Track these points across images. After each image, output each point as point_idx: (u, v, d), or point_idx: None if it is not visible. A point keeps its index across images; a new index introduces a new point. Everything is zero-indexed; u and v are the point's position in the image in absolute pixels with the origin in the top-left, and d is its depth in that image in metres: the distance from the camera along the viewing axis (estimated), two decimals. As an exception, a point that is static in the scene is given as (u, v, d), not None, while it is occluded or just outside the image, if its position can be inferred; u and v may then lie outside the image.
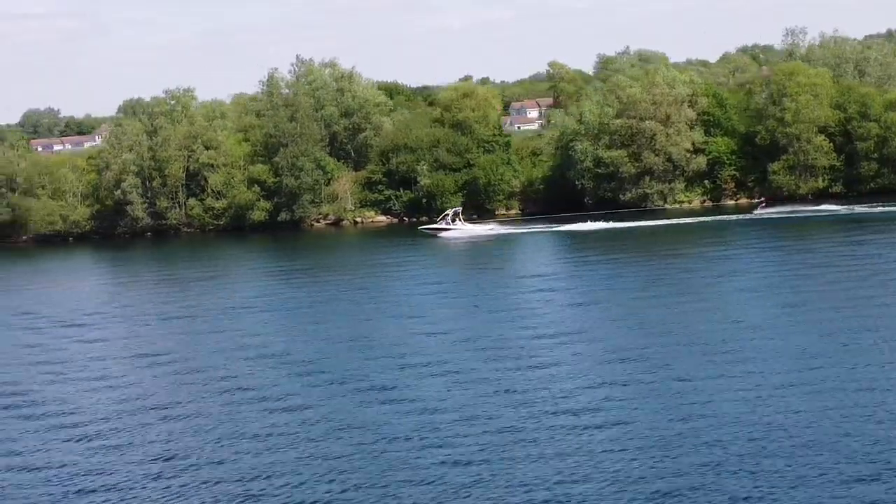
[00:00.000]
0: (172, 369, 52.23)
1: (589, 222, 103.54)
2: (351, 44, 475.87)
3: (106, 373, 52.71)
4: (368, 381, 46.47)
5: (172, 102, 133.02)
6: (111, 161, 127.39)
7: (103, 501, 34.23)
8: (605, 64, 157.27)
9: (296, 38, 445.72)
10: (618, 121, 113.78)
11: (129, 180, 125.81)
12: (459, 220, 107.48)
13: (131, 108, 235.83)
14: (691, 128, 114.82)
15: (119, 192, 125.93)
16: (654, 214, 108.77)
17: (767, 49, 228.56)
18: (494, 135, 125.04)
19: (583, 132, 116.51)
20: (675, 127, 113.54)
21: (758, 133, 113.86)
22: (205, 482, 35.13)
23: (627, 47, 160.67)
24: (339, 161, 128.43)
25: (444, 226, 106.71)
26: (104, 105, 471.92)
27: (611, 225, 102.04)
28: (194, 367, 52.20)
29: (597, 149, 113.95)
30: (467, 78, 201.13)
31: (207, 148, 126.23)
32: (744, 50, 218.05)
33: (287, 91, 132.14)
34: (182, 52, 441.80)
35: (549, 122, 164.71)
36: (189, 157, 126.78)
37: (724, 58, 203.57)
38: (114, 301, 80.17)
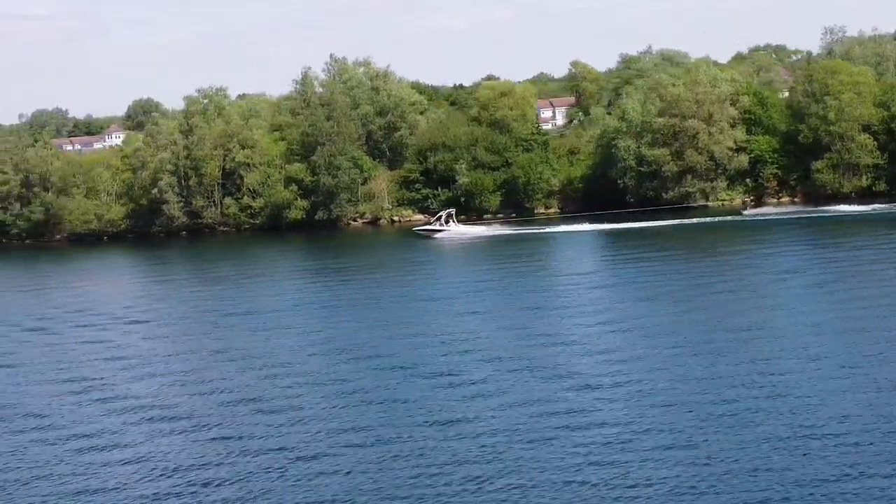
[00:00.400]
0: (248, 364, 51.58)
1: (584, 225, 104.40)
2: (350, 44, 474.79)
3: (182, 368, 52.07)
4: (459, 376, 45.91)
5: (205, 101, 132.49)
6: (147, 160, 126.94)
7: (235, 495, 33.60)
8: (628, 63, 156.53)
9: (296, 38, 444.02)
10: (660, 119, 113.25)
11: (166, 179, 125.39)
12: (452, 221, 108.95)
13: (140, 108, 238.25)
14: (733, 126, 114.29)
15: (156, 190, 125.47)
16: (693, 212, 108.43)
17: (780, 49, 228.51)
18: (532, 133, 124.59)
19: (625, 130, 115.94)
20: (718, 125, 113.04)
21: (800, 132, 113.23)
22: (327, 474, 34.58)
23: (650, 46, 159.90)
24: (374, 160, 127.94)
25: (438, 227, 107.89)
26: (105, 105, 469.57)
27: (649, 224, 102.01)
28: (268, 363, 51.56)
29: (639, 147, 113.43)
30: (491, 78, 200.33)
31: (243, 147, 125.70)
32: (756, 49, 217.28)
33: (321, 90, 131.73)
34: (182, 53, 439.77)
35: (571, 121, 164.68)
36: (225, 155, 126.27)
37: (738, 57, 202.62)
38: (165, 298, 79.58)
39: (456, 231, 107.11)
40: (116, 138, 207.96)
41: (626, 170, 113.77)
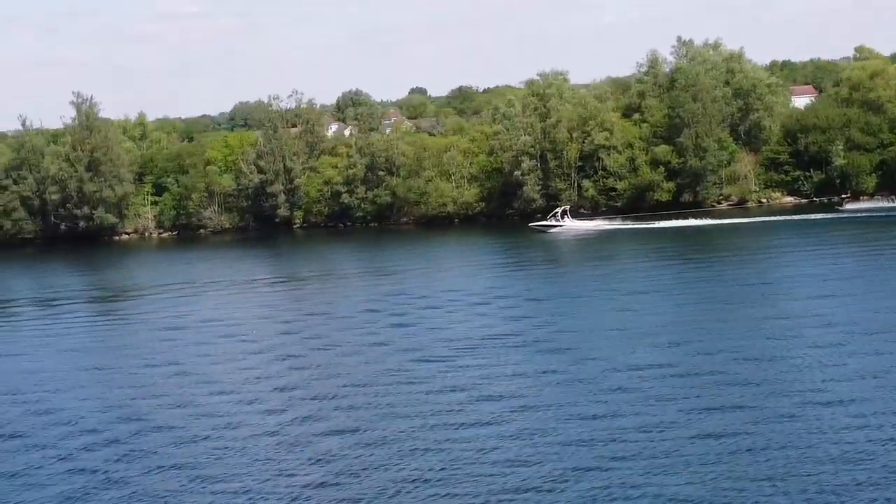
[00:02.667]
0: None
1: None
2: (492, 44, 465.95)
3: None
4: None
5: (548, 87, 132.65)
6: (507, 143, 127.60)
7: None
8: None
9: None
10: None
11: (526, 162, 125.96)
12: (568, 217, 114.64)
13: (350, 100, 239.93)
14: None
15: (518, 172, 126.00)
16: None
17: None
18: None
19: None
20: None
21: None
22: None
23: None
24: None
25: (553, 223, 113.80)
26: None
27: None
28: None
29: None
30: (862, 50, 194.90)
31: (602, 129, 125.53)
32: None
33: (670, 72, 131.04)
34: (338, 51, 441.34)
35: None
36: (584, 138, 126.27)
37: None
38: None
39: (570, 226, 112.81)
40: (329, 129, 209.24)
41: None
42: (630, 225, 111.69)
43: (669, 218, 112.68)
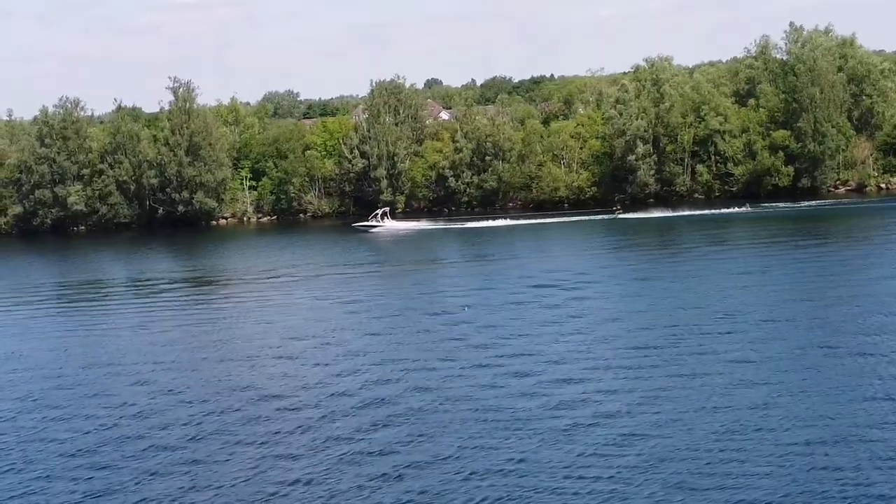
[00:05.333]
0: None
1: None
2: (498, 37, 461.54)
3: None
4: None
5: (661, 72, 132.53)
6: (622, 127, 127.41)
7: None
8: None
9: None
10: None
11: (640, 147, 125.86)
12: (387, 218, 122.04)
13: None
14: None
15: (632, 157, 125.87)
16: None
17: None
18: None
19: None
20: None
21: None
22: None
23: None
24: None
25: (374, 223, 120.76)
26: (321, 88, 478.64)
27: None
28: None
29: None
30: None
31: (717, 114, 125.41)
32: None
33: (784, 57, 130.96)
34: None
35: None
36: (699, 123, 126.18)
37: None
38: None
39: (389, 226, 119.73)
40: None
41: None
42: (443, 225, 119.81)
43: (486, 219, 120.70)
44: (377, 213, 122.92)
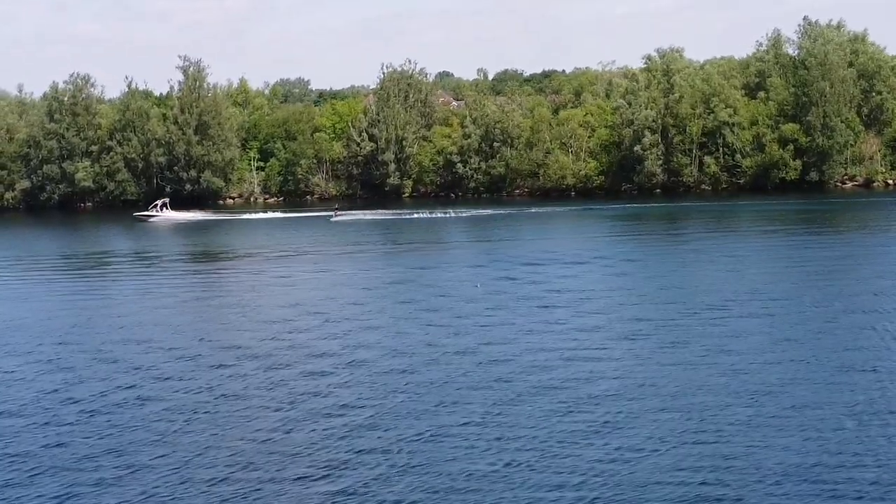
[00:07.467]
0: None
1: None
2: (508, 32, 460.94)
3: None
4: None
5: (672, 63, 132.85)
6: (631, 117, 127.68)
7: None
8: None
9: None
10: None
11: (649, 137, 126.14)
12: (167, 208, 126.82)
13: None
14: None
15: (639, 147, 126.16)
16: None
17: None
18: None
19: None
20: None
21: None
22: None
23: None
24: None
25: (154, 213, 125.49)
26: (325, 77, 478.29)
27: None
28: None
29: None
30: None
31: (726, 106, 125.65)
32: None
33: (795, 52, 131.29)
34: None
35: None
36: (708, 114, 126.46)
37: None
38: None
39: (169, 217, 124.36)
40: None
41: None
42: (213, 216, 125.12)
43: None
44: (157, 204, 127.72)
